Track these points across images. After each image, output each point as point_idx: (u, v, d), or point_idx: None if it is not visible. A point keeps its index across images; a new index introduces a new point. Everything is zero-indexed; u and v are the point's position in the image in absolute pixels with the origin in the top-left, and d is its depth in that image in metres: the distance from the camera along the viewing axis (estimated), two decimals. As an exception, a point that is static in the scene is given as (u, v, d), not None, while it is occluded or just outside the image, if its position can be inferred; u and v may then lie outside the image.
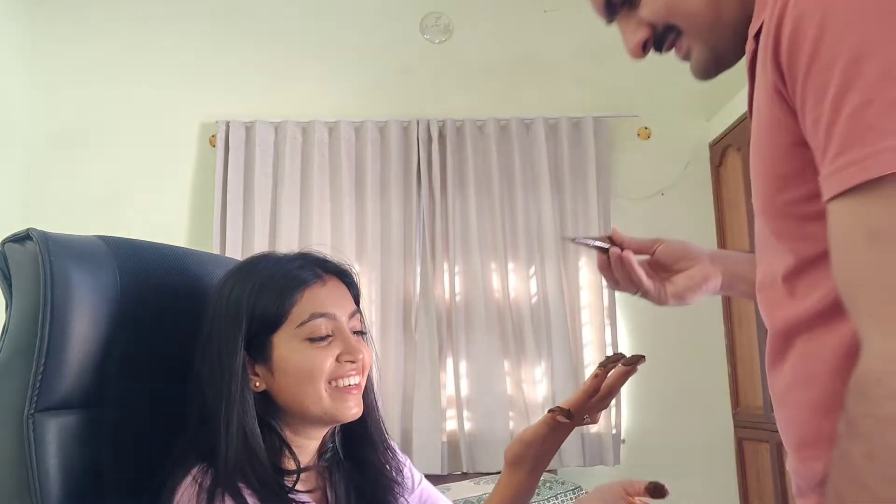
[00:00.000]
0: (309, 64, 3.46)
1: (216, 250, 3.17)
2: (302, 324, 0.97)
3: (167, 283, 1.06)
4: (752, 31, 0.70)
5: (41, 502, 0.87)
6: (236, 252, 3.17)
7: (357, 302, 1.06)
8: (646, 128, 3.46)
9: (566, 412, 0.87)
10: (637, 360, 0.89)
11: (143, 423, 0.99)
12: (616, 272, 1.00)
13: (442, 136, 3.34)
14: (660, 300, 1.00)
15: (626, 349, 3.31)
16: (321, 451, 1.05)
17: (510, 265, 3.25)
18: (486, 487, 2.83)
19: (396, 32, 3.52)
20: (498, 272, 3.23)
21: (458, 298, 3.21)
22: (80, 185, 3.31)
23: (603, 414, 3.43)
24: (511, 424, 3.15)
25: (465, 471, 3.09)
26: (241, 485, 0.90)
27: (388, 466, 1.07)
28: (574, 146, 3.36)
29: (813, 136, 0.60)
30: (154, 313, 1.03)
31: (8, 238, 0.95)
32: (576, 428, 0.91)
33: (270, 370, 0.97)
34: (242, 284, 0.98)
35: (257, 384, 0.98)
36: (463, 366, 3.18)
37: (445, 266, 3.25)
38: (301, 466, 0.98)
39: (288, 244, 3.15)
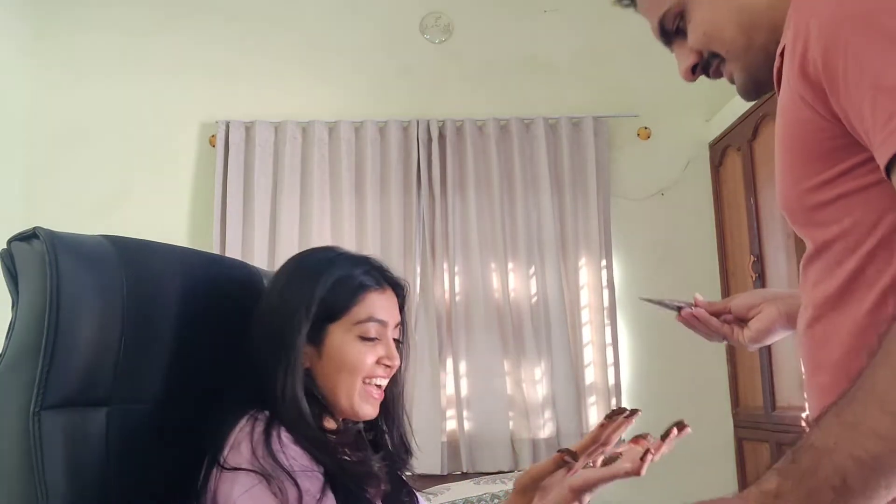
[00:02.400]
0: (309, 64, 3.47)
1: (216, 250, 3.17)
2: (359, 322, 1.09)
3: (172, 283, 1.07)
4: (778, 51, 0.79)
5: (46, 498, 0.87)
6: (236, 252, 3.17)
7: (402, 311, 1.18)
8: (646, 128, 3.47)
9: (573, 454, 0.95)
10: (633, 413, 0.99)
11: (149, 420, 1.00)
12: (697, 327, 1.14)
13: (442, 136, 3.34)
14: (742, 345, 1.11)
15: (627, 349, 3.32)
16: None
17: (510, 265, 3.26)
18: (486, 487, 2.83)
19: (396, 32, 3.52)
20: (498, 272, 3.23)
21: (457, 298, 3.22)
22: (80, 185, 3.31)
23: (603, 414, 3.42)
24: (511, 424, 3.15)
25: (465, 471, 3.09)
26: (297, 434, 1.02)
27: (399, 449, 1.19)
28: (574, 146, 3.36)
29: (860, 118, 0.67)
30: (159, 312, 1.03)
31: (14, 236, 0.96)
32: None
33: (319, 352, 1.09)
34: (317, 273, 1.10)
35: (304, 362, 1.08)
36: (463, 366, 3.18)
37: (445, 266, 3.25)
38: (341, 428, 1.11)
39: (288, 244, 3.15)
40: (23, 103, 3.33)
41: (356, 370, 1.08)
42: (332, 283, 1.09)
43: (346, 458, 1.06)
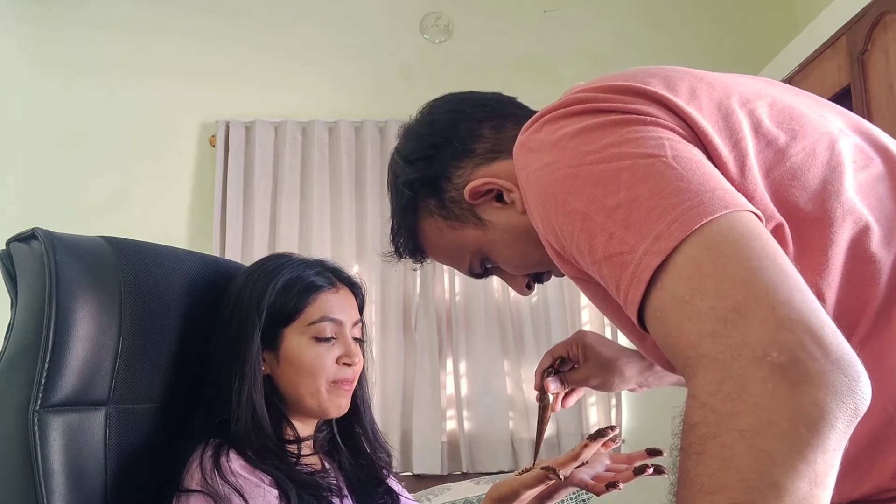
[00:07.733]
0: (309, 64, 3.46)
1: (216, 250, 3.17)
2: (312, 323, 1.08)
3: (169, 284, 1.07)
4: None
5: (45, 499, 0.87)
6: (236, 252, 3.17)
7: (361, 311, 1.17)
8: (645, 128, 3.46)
9: (556, 472, 0.95)
10: (617, 436, 1.01)
11: (148, 420, 1.00)
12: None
13: (442, 137, 3.33)
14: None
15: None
16: (315, 434, 1.16)
17: (510, 265, 3.25)
18: (485, 487, 2.83)
19: (396, 32, 3.52)
20: (498, 272, 3.23)
21: (457, 298, 3.22)
22: (80, 186, 3.31)
23: (603, 413, 3.39)
24: (511, 424, 3.15)
25: (465, 471, 3.09)
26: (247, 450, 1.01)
27: (377, 450, 1.20)
28: (574, 146, 3.35)
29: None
30: (157, 313, 1.04)
31: (13, 237, 0.96)
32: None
33: (277, 358, 1.08)
34: (266, 279, 1.09)
35: (264, 368, 1.08)
36: (463, 366, 3.18)
37: (445, 266, 3.24)
38: (300, 437, 1.09)
39: (288, 244, 3.15)
40: (22, 103, 3.33)
41: (315, 372, 1.07)
42: (281, 286, 1.08)
43: (300, 467, 1.05)
